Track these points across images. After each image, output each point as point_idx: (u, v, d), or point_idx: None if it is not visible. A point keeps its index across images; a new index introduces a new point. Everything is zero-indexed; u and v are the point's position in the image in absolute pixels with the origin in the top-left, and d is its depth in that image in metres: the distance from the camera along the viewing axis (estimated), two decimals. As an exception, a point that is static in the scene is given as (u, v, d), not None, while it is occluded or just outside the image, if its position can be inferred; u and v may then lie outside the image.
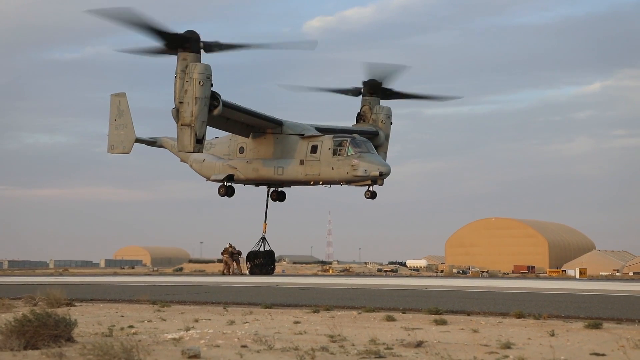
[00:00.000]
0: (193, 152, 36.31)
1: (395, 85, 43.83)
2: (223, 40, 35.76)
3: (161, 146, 47.44)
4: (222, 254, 47.51)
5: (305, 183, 40.74)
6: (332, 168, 38.58)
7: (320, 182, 39.80)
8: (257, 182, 43.02)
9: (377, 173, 37.36)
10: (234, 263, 47.01)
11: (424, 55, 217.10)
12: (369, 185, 38.30)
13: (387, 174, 37.67)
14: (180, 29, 35.07)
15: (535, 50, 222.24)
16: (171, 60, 36.05)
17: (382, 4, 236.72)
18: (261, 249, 45.28)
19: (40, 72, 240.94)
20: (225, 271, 46.62)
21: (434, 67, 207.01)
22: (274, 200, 44.87)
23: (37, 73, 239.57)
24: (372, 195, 38.52)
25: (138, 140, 46.19)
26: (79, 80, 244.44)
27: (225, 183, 42.38)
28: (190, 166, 44.83)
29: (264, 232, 45.28)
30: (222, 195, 42.42)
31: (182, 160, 46.64)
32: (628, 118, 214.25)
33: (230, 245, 47.32)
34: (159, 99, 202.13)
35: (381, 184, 38.14)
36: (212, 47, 35.53)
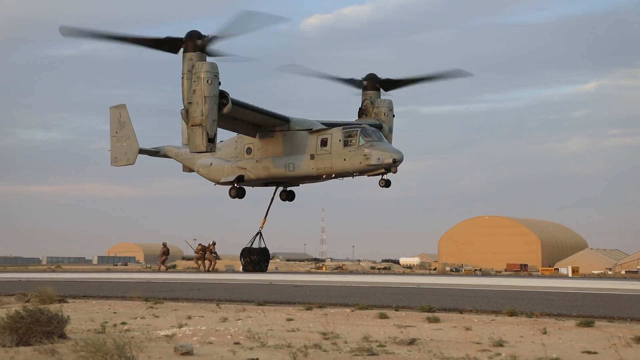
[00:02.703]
0: (205, 151, 35.90)
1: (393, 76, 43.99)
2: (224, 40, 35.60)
3: (165, 155, 46.94)
4: (205, 249, 47.85)
5: (317, 178, 40.46)
6: (344, 159, 38.29)
7: (333, 175, 39.59)
8: (267, 182, 42.66)
9: (390, 160, 37.15)
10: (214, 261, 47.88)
11: (421, 54, 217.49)
12: (383, 174, 38.08)
13: (401, 160, 37.43)
14: (178, 27, 35.06)
15: (531, 49, 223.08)
16: (170, 57, 35.84)
17: (380, 2, 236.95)
18: (256, 245, 45.26)
19: (37, 68, 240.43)
20: (209, 268, 47.06)
21: (430, 65, 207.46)
22: (283, 200, 44.62)
23: (33, 69, 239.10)
24: (387, 183, 38.23)
25: (141, 151, 45.68)
26: (76, 77, 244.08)
27: (235, 185, 42.15)
28: (197, 172, 44.42)
29: (261, 228, 45.20)
30: (233, 197, 42.14)
31: (184, 169, 46.26)
32: (623, 117, 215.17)
33: (213, 244, 47.97)
34: (155, 96, 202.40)
35: (395, 172, 37.88)
36: (214, 52, 35.30)
